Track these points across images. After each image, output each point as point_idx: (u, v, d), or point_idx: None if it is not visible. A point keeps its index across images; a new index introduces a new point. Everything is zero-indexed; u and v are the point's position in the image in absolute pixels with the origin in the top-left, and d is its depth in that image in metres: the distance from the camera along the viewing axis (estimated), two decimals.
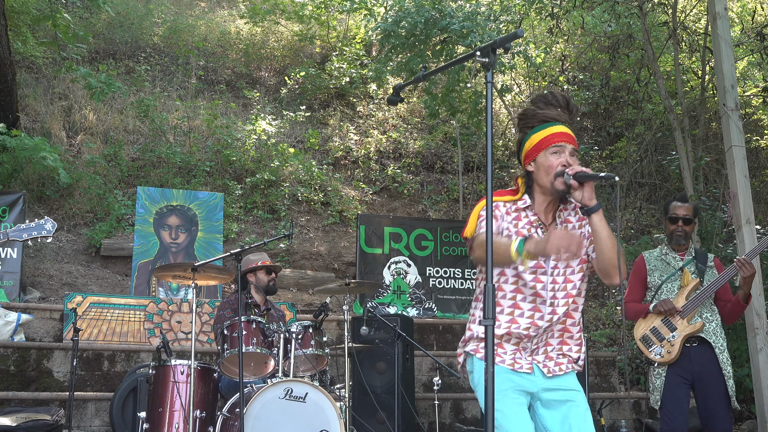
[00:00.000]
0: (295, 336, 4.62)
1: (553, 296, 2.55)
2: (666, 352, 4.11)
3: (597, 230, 2.50)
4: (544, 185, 2.57)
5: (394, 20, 8.20)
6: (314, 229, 9.55)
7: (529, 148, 2.60)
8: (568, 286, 2.58)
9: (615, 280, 2.54)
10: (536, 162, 2.58)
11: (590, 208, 2.48)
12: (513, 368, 2.53)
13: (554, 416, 2.54)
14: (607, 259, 2.51)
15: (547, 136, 2.56)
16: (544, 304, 2.54)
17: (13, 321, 6.23)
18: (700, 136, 9.49)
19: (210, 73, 11.79)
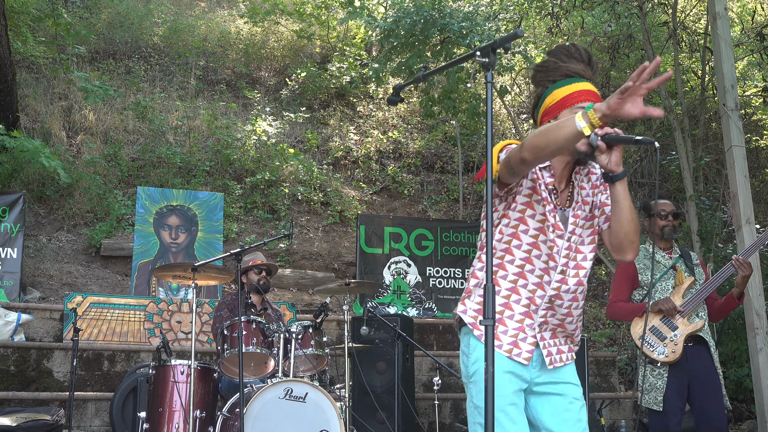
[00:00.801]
0: (295, 336, 4.62)
1: (566, 264, 2.33)
2: (670, 352, 4.08)
3: (619, 200, 2.28)
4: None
5: (393, 20, 8.20)
6: (314, 229, 9.55)
7: (550, 104, 2.36)
8: (578, 256, 2.37)
9: (629, 255, 2.35)
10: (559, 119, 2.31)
11: (616, 175, 2.23)
12: (510, 355, 2.31)
13: (546, 407, 2.38)
14: (624, 232, 2.30)
15: (572, 93, 2.32)
16: (554, 270, 2.32)
17: (13, 321, 6.23)
18: (700, 136, 9.48)
19: (210, 73, 11.79)
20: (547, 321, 2.36)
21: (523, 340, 2.33)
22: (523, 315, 2.33)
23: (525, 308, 2.33)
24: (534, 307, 2.33)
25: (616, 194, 2.28)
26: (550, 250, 2.33)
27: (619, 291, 4.31)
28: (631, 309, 4.24)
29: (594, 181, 2.43)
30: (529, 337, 2.34)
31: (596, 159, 2.25)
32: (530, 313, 2.34)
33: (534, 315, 2.34)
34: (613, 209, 2.32)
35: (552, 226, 2.33)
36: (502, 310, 2.34)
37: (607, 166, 2.22)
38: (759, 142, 10.68)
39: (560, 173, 2.38)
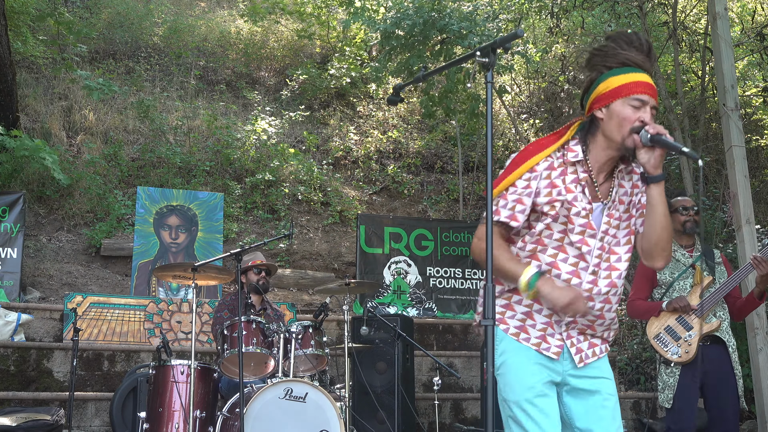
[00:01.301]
0: (295, 336, 4.62)
1: (598, 264, 2.27)
2: (684, 352, 4.05)
3: (654, 204, 2.22)
4: (611, 137, 2.24)
5: (393, 22, 8.20)
6: (314, 229, 9.55)
7: (604, 91, 2.24)
8: (612, 258, 2.31)
9: (659, 263, 2.28)
10: (609, 109, 2.23)
11: (653, 177, 2.19)
12: (538, 349, 2.27)
13: (580, 406, 2.31)
14: (656, 237, 2.23)
15: (630, 83, 2.20)
16: (585, 271, 2.26)
17: (13, 321, 6.23)
18: (700, 136, 9.48)
19: (210, 73, 11.79)
20: (575, 321, 2.30)
21: (551, 336, 2.29)
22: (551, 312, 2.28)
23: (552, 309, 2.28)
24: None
25: (651, 197, 2.22)
26: (579, 251, 2.27)
27: (638, 289, 4.29)
28: (648, 308, 4.22)
29: (635, 181, 2.35)
30: (557, 334, 2.29)
31: (638, 156, 2.21)
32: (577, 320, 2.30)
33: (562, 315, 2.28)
34: (648, 212, 2.26)
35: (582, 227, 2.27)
36: (531, 303, 2.29)
37: (647, 164, 2.18)
38: (759, 142, 10.67)
39: (601, 166, 2.30)
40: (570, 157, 2.29)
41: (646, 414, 6.83)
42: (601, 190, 2.30)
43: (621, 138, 2.22)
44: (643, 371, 7.74)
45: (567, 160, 2.29)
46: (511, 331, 2.30)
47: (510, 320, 2.31)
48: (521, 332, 2.30)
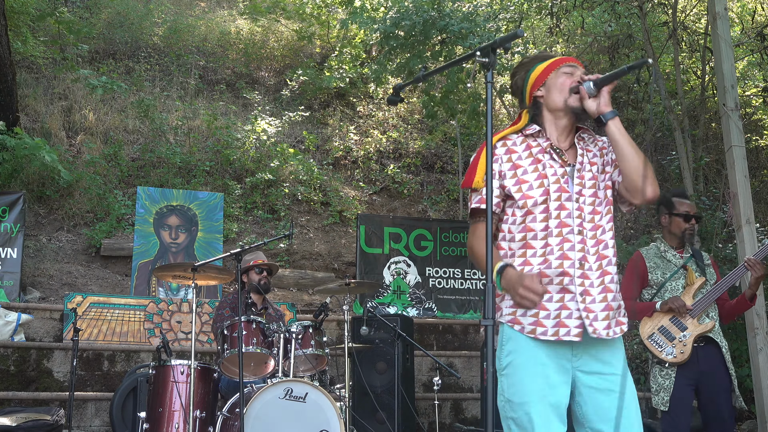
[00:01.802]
0: (295, 336, 4.62)
1: (581, 224, 2.31)
2: (679, 353, 4.03)
3: (616, 139, 2.30)
4: (556, 106, 2.41)
5: (393, 22, 8.20)
6: (314, 229, 9.55)
7: (536, 75, 2.43)
8: (595, 218, 2.35)
9: (648, 190, 2.29)
10: (546, 84, 2.42)
11: (606, 115, 2.29)
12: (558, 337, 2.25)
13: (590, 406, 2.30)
14: (633, 168, 2.29)
15: (556, 59, 2.43)
16: (572, 233, 2.30)
17: (13, 321, 6.23)
18: (700, 136, 9.48)
19: (210, 73, 11.79)
20: (586, 289, 2.29)
21: (568, 317, 2.27)
22: (561, 293, 2.28)
23: (560, 285, 2.28)
24: (568, 279, 2.28)
25: (611, 134, 2.31)
26: (558, 219, 2.31)
27: (627, 288, 4.23)
28: (640, 308, 4.18)
29: (601, 145, 2.46)
30: (574, 312, 2.27)
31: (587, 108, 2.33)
32: (567, 288, 2.29)
33: (572, 287, 2.28)
34: (615, 150, 2.34)
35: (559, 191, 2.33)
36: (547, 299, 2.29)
37: (598, 108, 2.30)
38: (759, 142, 10.67)
39: (558, 137, 2.44)
40: (529, 132, 2.43)
41: (646, 414, 6.83)
42: (568, 156, 2.40)
43: (563, 102, 2.38)
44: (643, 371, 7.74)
45: (527, 134, 2.43)
46: (527, 330, 2.29)
47: (522, 318, 2.31)
48: (537, 326, 2.28)
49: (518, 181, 2.35)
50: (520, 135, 2.44)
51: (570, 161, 2.39)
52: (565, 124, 2.44)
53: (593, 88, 2.32)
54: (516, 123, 2.49)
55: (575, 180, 2.36)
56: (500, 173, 2.37)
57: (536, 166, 2.36)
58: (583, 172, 2.38)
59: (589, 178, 2.38)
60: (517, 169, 2.37)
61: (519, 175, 2.36)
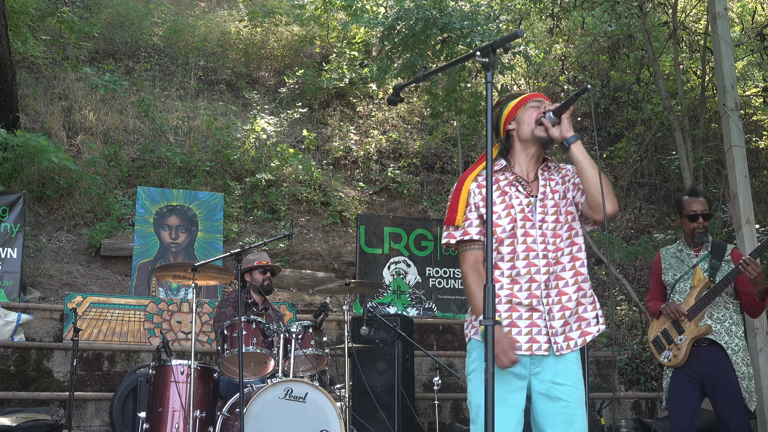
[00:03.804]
0: (295, 336, 4.62)
1: (545, 249, 2.56)
2: (673, 356, 4.06)
3: (578, 160, 2.54)
4: (525, 137, 2.66)
5: (394, 19, 8.20)
6: (314, 229, 9.55)
7: (508, 111, 2.70)
8: (556, 241, 2.60)
9: (609, 208, 2.50)
10: (517, 118, 2.68)
11: (568, 140, 2.53)
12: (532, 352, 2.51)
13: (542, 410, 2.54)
14: (594, 187, 2.51)
15: (525, 96, 2.71)
16: (537, 257, 2.55)
17: (13, 321, 6.23)
18: (700, 136, 9.48)
19: (210, 73, 11.79)
20: (551, 308, 2.54)
21: (539, 333, 2.53)
22: (530, 311, 2.54)
23: (528, 306, 2.54)
24: (536, 300, 2.53)
25: (574, 156, 2.54)
26: (524, 244, 2.56)
27: (652, 289, 4.36)
28: (651, 311, 4.28)
29: (564, 173, 2.71)
30: (543, 328, 2.52)
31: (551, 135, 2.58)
32: (535, 308, 2.53)
33: (540, 306, 2.53)
34: (578, 171, 2.58)
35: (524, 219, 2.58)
36: (509, 314, 2.54)
37: (561, 134, 2.55)
38: (759, 143, 10.67)
39: (526, 167, 2.69)
40: (496, 167, 2.67)
41: (646, 414, 6.83)
42: (531, 188, 2.65)
43: (531, 132, 2.63)
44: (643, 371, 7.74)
45: (494, 170, 2.65)
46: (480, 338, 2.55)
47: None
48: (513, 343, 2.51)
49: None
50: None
51: (533, 192, 2.64)
52: (533, 153, 2.69)
53: (554, 117, 2.56)
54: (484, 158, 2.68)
55: (538, 209, 2.60)
56: (476, 205, 2.61)
57: (504, 198, 2.61)
58: (546, 201, 2.62)
59: (551, 206, 2.62)
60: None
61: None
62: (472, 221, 2.60)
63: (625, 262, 9.15)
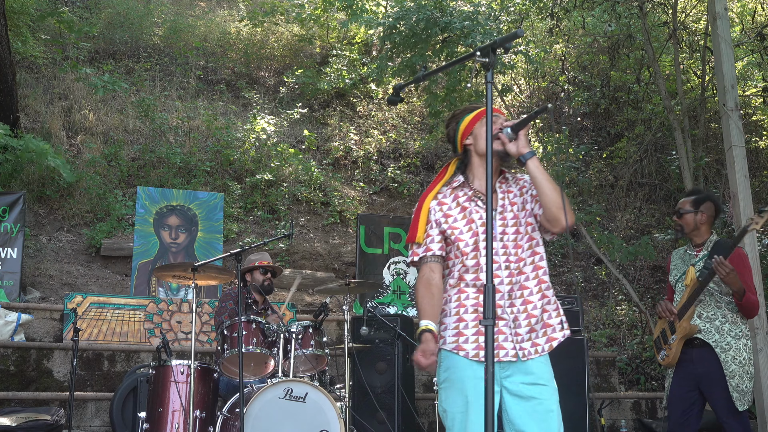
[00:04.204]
0: (295, 336, 4.62)
1: (507, 260, 2.62)
2: (666, 356, 4.10)
3: (534, 175, 2.57)
4: (482, 151, 2.68)
5: (395, 19, 8.20)
6: (314, 229, 9.55)
7: (465, 126, 2.72)
8: (517, 251, 2.65)
9: (563, 221, 2.56)
10: (474, 133, 2.72)
11: (524, 156, 2.56)
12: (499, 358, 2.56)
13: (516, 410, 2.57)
14: (550, 201, 2.55)
15: (481, 110, 2.71)
16: (500, 269, 2.61)
17: (13, 321, 6.23)
18: (700, 136, 9.48)
19: (210, 73, 11.79)
20: (516, 316, 2.60)
21: (505, 341, 2.58)
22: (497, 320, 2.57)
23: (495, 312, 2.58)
24: (500, 310, 2.60)
25: (530, 171, 2.58)
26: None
27: (668, 290, 4.41)
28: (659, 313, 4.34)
29: (522, 184, 2.75)
30: (509, 336, 2.59)
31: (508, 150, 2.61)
32: (501, 316, 2.59)
33: (504, 315, 2.60)
34: (535, 186, 2.61)
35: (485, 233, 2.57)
36: (476, 323, 2.61)
37: (518, 150, 2.57)
38: (759, 143, 10.67)
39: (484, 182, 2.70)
40: (455, 184, 2.74)
41: (646, 414, 6.83)
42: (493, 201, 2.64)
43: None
44: (643, 371, 7.74)
45: (453, 186, 2.73)
46: (471, 354, 2.59)
47: (465, 345, 2.60)
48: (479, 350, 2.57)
49: (450, 227, 2.68)
50: (448, 187, 2.75)
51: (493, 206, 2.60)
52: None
53: (511, 132, 2.58)
54: (443, 174, 2.80)
55: (498, 222, 2.65)
56: (437, 222, 2.70)
57: (464, 213, 2.68)
58: (505, 214, 2.67)
59: (511, 218, 2.67)
60: (448, 218, 2.69)
61: (450, 223, 2.68)
62: (433, 237, 2.69)
63: (625, 262, 9.16)
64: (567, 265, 9.69)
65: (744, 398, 3.96)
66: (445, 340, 2.65)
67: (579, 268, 9.75)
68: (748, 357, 3.99)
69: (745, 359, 3.98)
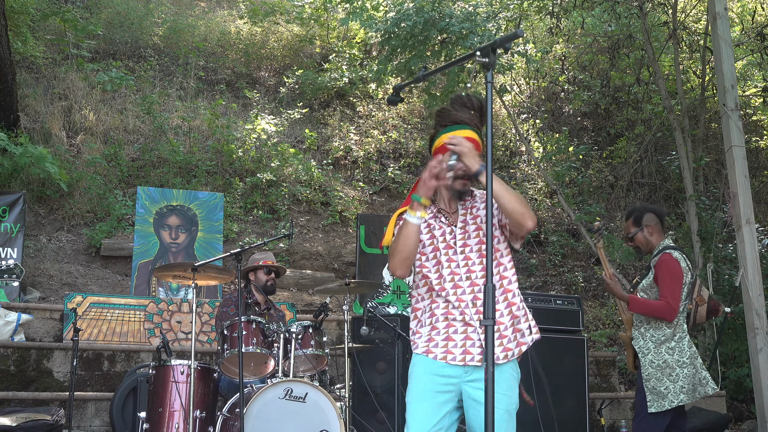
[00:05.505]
0: (295, 336, 4.62)
1: (468, 271, 2.72)
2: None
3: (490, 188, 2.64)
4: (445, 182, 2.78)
5: (393, 22, 8.20)
6: (314, 229, 9.55)
7: (436, 146, 2.77)
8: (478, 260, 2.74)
9: (528, 223, 2.64)
10: None
11: (476, 174, 2.63)
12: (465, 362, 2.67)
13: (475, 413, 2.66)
14: (509, 209, 2.63)
15: (441, 145, 2.73)
16: (462, 280, 2.71)
17: (13, 321, 6.23)
18: (700, 136, 9.48)
19: (210, 73, 11.79)
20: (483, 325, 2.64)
21: (472, 346, 2.69)
22: (465, 326, 2.71)
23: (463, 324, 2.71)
24: (468, 317, 2.70)
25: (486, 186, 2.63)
26: (450, 269, 2.74)
27: None
28: None
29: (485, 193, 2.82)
30: (476, 341, 2.69)
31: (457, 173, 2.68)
32: (468, 323, 2.71)
33: (472, 322, 2.70)
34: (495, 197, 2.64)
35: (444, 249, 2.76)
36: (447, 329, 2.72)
37: (469, 171, 2.64)
38: (759, 143, 10.68)
39: (449, 199, 2.85)
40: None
41: None
42: (453, 219, 2.82)
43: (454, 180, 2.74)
44: None
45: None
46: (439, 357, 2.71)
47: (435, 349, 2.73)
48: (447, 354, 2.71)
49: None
50: None
51: (454, 222, 2.81)
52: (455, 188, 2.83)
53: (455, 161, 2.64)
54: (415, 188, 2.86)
55: (459, 236, 2.77)
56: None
57: (429, 229, 2.81)
58: (467, 227, 2.78)
59: (473, 230, 2.78)
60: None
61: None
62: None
63: (624, 263, 9.16)
64: (567, 265, 9.69)
65: (662, 400, 4.01)
66: (417, 345, 2.80)
67: (579, 268, 9.75)
68: (675, 359, 4.03)
69: (667, 362, 4.03)
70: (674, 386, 3.99)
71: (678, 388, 3.98)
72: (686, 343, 4.06)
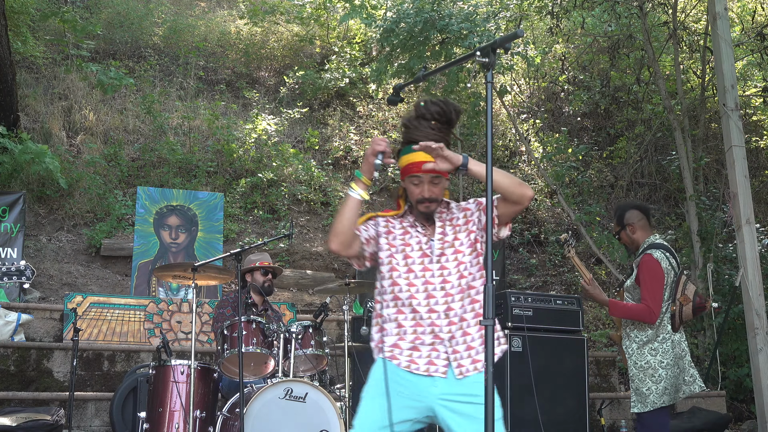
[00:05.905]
0: (295, 336, 4.62)
1: (443, 281, 2.63)
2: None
3: (477, 174, 2.57)
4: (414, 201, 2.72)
5: (393, 21, 8.21)
6: (314, 229, 9.55)
7: (401, 167, 2.71)
8: (460, 267, 2.66)
9: (528, 190, 2.59)
10: (404, 183, 2.73)
11: (459, 169, 2.56)
12: (428, 373, 2.59)
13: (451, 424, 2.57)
14: (506, 185, 2.57)
15: (409, 165, 2.66)
16: (436, 290, 2.63)
17: (13, 321, 6.23)
18: (700, 136, 9.49)
19: (210, 73, 11.79)
20: (453, 335, 2.61)
21: (437, 358, 2.61)
22: (433, 338, 2.61)
23: (431, 335, 2.62)
24: (438, 328, 2.61)
25: (473, 173, 2.58)
26: (424, 278, 2.64)
27: None
28: None
29: (464, 206, 2.77)
30: (442, 354, 2.60)
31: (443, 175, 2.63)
32: (437, 335, 2.61)
33: (441, 334, 2.61)
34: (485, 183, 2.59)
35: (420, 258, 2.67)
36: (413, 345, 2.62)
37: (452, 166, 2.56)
38: (759, 143, 10.68)
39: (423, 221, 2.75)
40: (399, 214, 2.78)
41: None
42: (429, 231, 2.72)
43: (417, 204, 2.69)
44: None
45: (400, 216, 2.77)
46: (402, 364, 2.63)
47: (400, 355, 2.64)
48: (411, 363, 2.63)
49: (388, 244, 2.71)
50: (397, 218, 2.78)
51: (431, 235, 2.71)
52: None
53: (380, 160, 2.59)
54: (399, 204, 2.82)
55: (436, 245, 2.67)
56: (377, 233, 2.73)
57: (404, 238, 2.71)
58: (445, 237, 2.69)
59: (452, 239, 2.69)
60: (389, 235, 2.73)
61: (389, 240, 2.71)
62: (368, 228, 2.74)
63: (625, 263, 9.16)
64: (567, 265, 9.69)
65: (645, 400, 4.02)
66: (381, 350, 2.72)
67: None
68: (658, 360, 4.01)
69: (649, 363, 4.02)
70: (656, 387, 3.97)
71: (661, 389, 3.96)
72: (670, 344, 4.01)
